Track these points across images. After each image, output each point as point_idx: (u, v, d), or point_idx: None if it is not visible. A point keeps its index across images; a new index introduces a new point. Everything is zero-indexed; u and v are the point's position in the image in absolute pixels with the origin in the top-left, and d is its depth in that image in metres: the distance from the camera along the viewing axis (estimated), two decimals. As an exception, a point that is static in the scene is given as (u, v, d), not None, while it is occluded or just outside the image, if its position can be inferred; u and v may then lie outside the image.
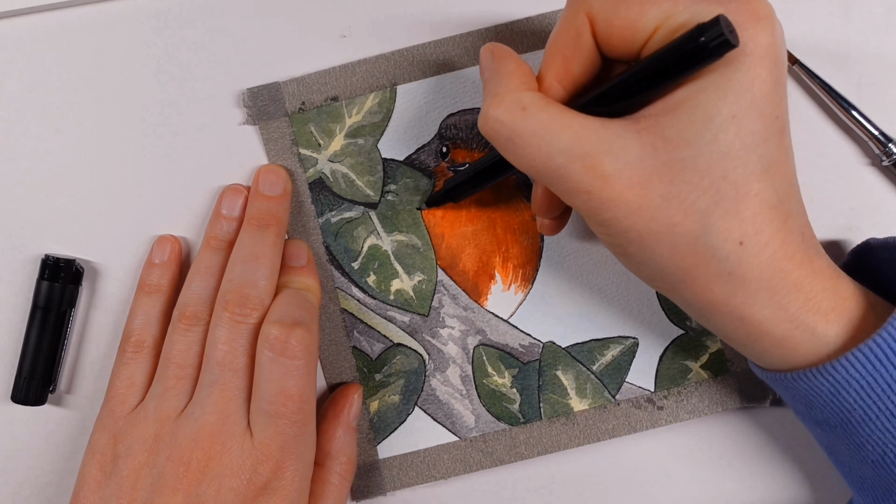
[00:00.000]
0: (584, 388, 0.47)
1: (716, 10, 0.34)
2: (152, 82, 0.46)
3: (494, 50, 0.39)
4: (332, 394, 0.46)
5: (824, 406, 0.38)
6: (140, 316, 0.45)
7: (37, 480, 0.47)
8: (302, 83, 0.46)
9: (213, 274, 0.44)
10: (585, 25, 0.37)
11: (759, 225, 0.35)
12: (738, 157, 0.35)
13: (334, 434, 0.45)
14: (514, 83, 0.37)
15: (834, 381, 0.36)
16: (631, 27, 0.36)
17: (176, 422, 0.41)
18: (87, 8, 0.46)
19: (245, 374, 0.42)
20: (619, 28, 0.36)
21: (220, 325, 0.42)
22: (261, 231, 0.44)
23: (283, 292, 0.43)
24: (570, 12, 0.37)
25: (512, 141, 0.36)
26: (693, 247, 0.35)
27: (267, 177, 0.45)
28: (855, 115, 0.45)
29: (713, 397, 0.46)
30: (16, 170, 0.46)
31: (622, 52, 0.37)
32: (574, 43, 0.37)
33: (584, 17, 0.37)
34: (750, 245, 0.35)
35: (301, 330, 0.41)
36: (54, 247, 0.46)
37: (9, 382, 0.46)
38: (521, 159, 0.36)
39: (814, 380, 0.37)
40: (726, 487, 0.47)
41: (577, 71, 0.38)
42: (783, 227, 0.36)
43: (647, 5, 0.35)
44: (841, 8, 0.46)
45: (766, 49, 0.34)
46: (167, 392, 0.42)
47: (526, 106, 0.36)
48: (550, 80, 0.38)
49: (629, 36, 0.36)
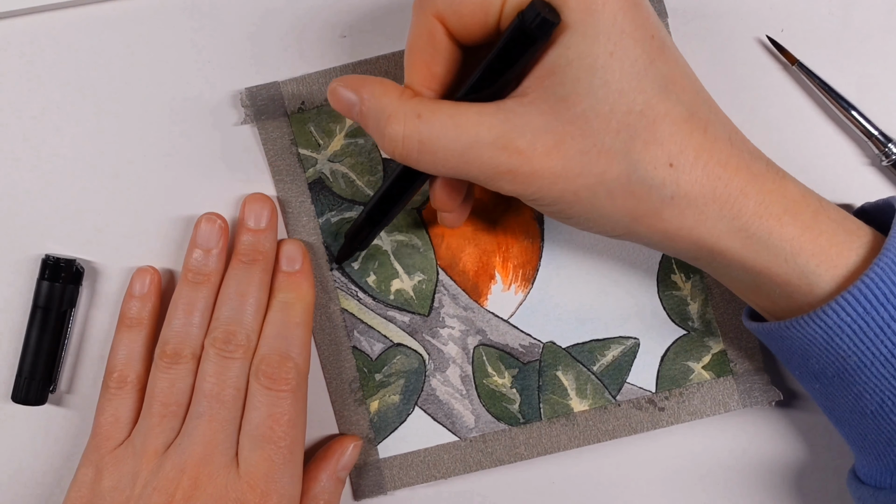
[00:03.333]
0: (585, 388, 0.46)
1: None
2: (152, 82, 0.46)
3: (347, 82, 0.39)
4: (330, 441, 0.46)
5: (819, 355, 0.38)
6: (122, 350, 0.45)
7: (37, 480, 0.47)
8: (301, 83, 0.46)
9: (192, 310, 0.44)
10: (436, 25, 0.37)
11: (681, 142, 0.36)
12: (633, 88, 0.35)
13: (318, 477, 0.45)
14: (393, 98, 0.37)
15: (826, 326, 0.36)
16: (480, 10, 0.36)
17: (163, 455, 0.42)
18: (87, 8, 0.46)
19: (233, 406, 0.42)
20: (469, 15, 0.37)
21: (208, 360, 0.43)
22: (247, 268, 0.44)
23: (271, 318, 0.44)
24: (418, 18, 0.38)
25: (422, 150, 0.36)
26: (628, 186, 0.36)
27: (252, 208, 0.45)
28: (854, 115, 0.45)
29: (715, 398, 0.46)
30: (16, 170, 0.46)
31: (480, 35, 0.37)
32: (430, 45, 0.38)
33: (432, 17, 0.37)
34: (679, 164, 0.36)
35: (290, 363, 0.42)
36: (54, 247, 0.46)
37: (9, 382, 0.46)
38: (436, 164, 0.37)
39: (805, 327, 0.37)
40: (728, 488, 0.47)
41: (440, 70, 0.38)
42: (705, 136, 0.36)
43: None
44: (841, 8, 0.46)
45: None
46: (152, 429, 0.42)
47: (420, 112, 0.36)
48: (419, 87, 0.38)
49: (481, 19, 0.37)
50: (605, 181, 0.36)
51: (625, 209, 0.37)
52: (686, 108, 0.36)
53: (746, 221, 0.36)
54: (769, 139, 0.46)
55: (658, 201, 0.36)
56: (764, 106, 0.46)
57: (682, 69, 0.37)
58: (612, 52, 0.35)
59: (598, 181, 0.36)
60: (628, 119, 0.35)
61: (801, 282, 0.37)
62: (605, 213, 0.37)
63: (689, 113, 0.36)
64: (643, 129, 0.35)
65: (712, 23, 0.46)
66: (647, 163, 0.35)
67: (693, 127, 0.36)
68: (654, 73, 0.35)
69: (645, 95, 0.35)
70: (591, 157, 0.36)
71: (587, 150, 0.35)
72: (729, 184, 0.36)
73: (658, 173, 0.36)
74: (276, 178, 0.46)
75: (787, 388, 0.46)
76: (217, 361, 0.42)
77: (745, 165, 0.37)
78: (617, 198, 0.36)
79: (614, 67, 0.35)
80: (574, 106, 0.35)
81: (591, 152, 0.35)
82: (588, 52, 0.35)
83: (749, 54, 0.46)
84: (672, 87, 0.36)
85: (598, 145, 0.35)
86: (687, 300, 0.46)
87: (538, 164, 0.36)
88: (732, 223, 0.36)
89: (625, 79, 0.35)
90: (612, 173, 0.36)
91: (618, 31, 0.35)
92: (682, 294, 0.46)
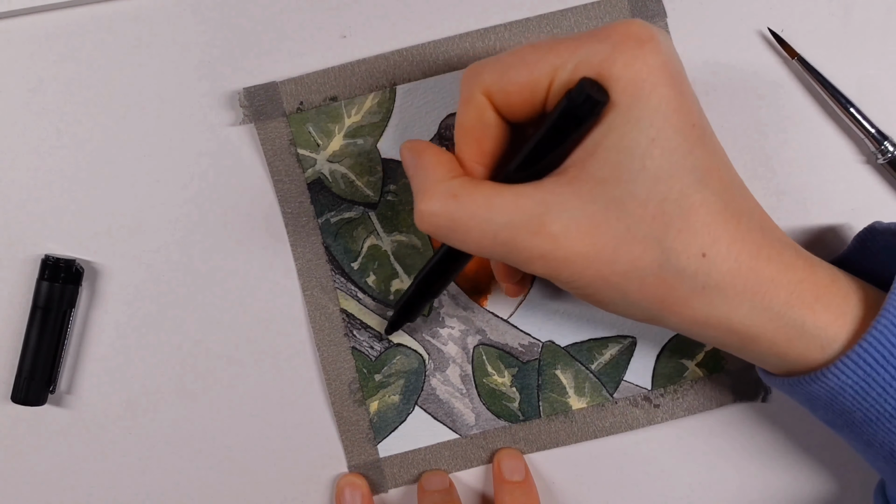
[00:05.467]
0: (583, 386, 0.47)
1: (598, 50, 0.35)
2: (151, 82, 0.46)
3: (413, 146, 0.39)
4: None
5: (826, 409, 0.38)
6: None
7: (37, 480, 0.47)
8: (300, 83, 0.46)
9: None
10: (485, 103, 0.37)
11: (714, 232, 0.35)
12: (670, 176, 0.35)
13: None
14: (439, 174, 0.37)
15: (828, 387, 0.37)
16: (526, 90, 0.36)
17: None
18: (87, 8, 0.45)
19: None
20: (516, 94, 0.37)
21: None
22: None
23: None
24: (466, 95, 0.38)
25: (453, 230, 0.36)
26: (660, 275, 0.36)
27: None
28: (852, 111, 0.45)
29: (708, 394, 0.47)
30: (16, 170, 0.46)
31: (527, 113, 0.37)
32: (479, 122, 0.38)
33: (481, 95, 0.37)
34: (712, 254, 0.35)
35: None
36: (54, 247, 0.46)
37: (9, 382, 0.46)
38: (468, 244, 0.37)
39: (809, 386, 0.37)
40: (722, 481, 0.48)
41: (490, 147, 0.38)
42: (739, 227, 0.36)
43: (534, 66, 0.36)
44: (841, 8, 0.46)
45: (659, 69, 0.35)
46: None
47: (456, 193, 0.36)
48: (470, 163, 0.38)
49: (528, 98, 0.37)
50: (637, 268, 0.35)
51: (655, 297, 0.36)
52: (721, 199, 0.36)
53: (779, 310, 0.36)
54: (766, 135, 0.46)
55: (689, 291, 0.36)
56: (762, 101, 0.46)
57: (719, 159, 0.37)
58: (653, 138, 0.34)
59: (631, 268, 0.35)
60: (664, 207, 0.35)
61: (795, 333, 0.37)
62: (635, 300, 0.37)
63: (723, 204, 0.36)
64: (678, 218, 0.35)
65: (712, 18, 0.46)
66: (681, 252, 0.35)
67: (727, 218, 0.36)
68: (691, 162, 0.35)
69: (681, 184, 0.35)
70: (625, 244, 0.35)
71: (621, 237, 0.35)
72: (761, 274, 0.36)
73: (691, 263, 0.35)
74: (275, 179, 0.46)
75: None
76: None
77: (776, 255, 0.37)
78: (648, 286, 0.36)
79: (654, 154, 0.34)
80: (612, 189, 0.35)
81: (624, 238, 0.35)
82: (630, 136, 0.34)
83: (749, 48, 0.46)
84: (708, 178, 0.36)
85: (633, 231, 0.35)
86: (684, 299, 0.47)
87: (571, 249, 0.35)
88: (764, 313, 0.36)
89: (663, 166, 0.35)
90: (644, 261, 0.35)
91: (661, 117, 0.34)
92: (679, 293, 0.47)
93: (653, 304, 0.37)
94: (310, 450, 0.47)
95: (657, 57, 0.35)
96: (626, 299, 0.37)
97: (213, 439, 0.47)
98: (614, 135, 0.35)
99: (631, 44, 0.35)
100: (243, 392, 0.47)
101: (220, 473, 0.47)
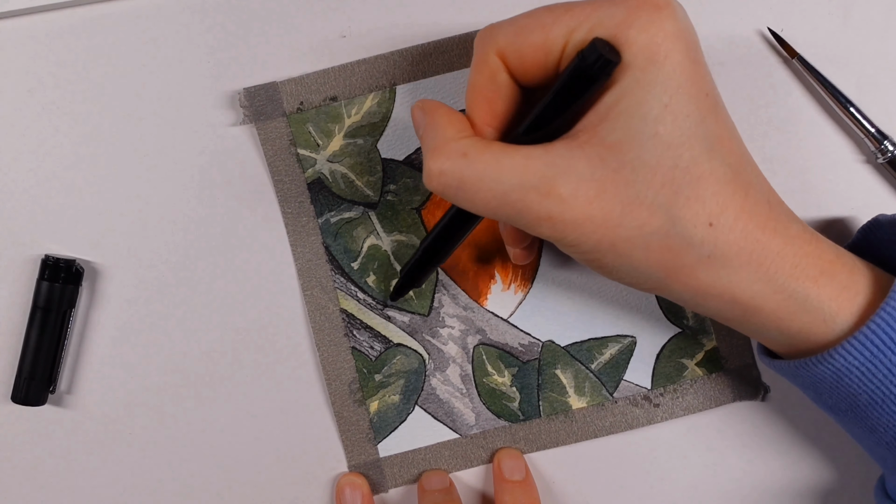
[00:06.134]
0: (583, 386, 0.47)
1: (614, 13, 0.35)
2: (151, 82, 0.46)
3: (424, 105, 0.39)
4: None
5: (831, 392, 0.38)
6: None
7: (37, 480, 0.47)
8: (300, 83, 0.46)
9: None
10: (498, 64, 0.37)
11: (722, 202, 0.36)
12: (681, 143, 0.35)
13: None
14: (449, 133, 0.37)
15: (834, 368, 0.37)
16: (541, 51, 0.36)
17: None
18: (87, 8, 0.45)
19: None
20: (530, 55, 0.37)
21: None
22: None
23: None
24: (480, 55, 0.38)
25: (462, 189, 0.36)
26: (666, 241, 0.36)
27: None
28: (852, 111, 0.45)
29: (707, 394, 0.47)
30: (16, 170, 0.46)
31: (539, 76, 0.37)
32: (492, 83, 0.38)
33: (495, 56, 0.37)
34: (719, 224, 0.36)
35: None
36: (54, 247, 0.46)
37: (9, 383, 0.46)
38: (476, 204, 0.37)
39: (815, 367, 0.37)
40: (722, 480, 0.48)
41: (501, 109, 0.38)
42: (746, 198, 0.36)
43: (549, 27, 0.36)
44: (841, 8, 0.46)
45: (675, 35, 0.35)
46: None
47: (466, 152, 0.36)
48: (480, 125, 0.38)
49: (541, 60, 0.37)
50: (644, 234, 0.35)
51: (660, 264, 0.36)
52: (730, 169, 0.36)
53: (783, 282, 0.36)
54: (765, 134, 0.46)
55: (695, 258, 0.36)
56: (762, 100, 0.46)
57: (729, 130, 0.37)
58: (666, 104, 0.34)
59: (637, 233, 0.35)
60: (673, 174, 0.35)
61: (798, 306, 0.37)
62: (640, 266, 0.37)
63: (732, 174, 0.36)
64: (686, 186, 0.35)
65: (712, 18, 0.46)
66: (688, 220, 0.35)
67: (735, 188, 0.36)
68: (703, 131, 0.35)
69: (692, 152, 0.35)
70: (633, 209, 0.35)
71: (629, 201, 0.35)
72: (767, 246, 0.36)
73: (697, 231, 0.35)
74: (275, 179, 0.46)
75: (774, 382, 0.47)
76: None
77: (782, 228, 0.37)
78: (653, 251, 0.36)
79: (666, 121, 0.34)
80: (622, 154, 0.35)
81: (632, 203, 0.35)
82: (643, 101, 0.34)
83: (749, 48, 0.46)
84: (719, 147, 0.36)
85: (641, 197, 0.35)
86: (684, 299, 0.47)
87: (579, 211, 0.35)
88: (768, 284, 0.36)
89: (675, 133, 0.35)
90: (651, 226, 0.35)
91: (675, 84, 0.34)
92: (679, 293, 0.47)
93: (657, 270, 0.37)
94: (310, 450, 0.47)
95: (674, 23, 0.35)
96: (630, 265, 0.37)
97: (213, 439, 0.47)
98: (627, 100, 0.35)
99: (648, 9, 0.35)
100: (243, 392, 0.47)
101: (220, 473, 0.47)
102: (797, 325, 0.37)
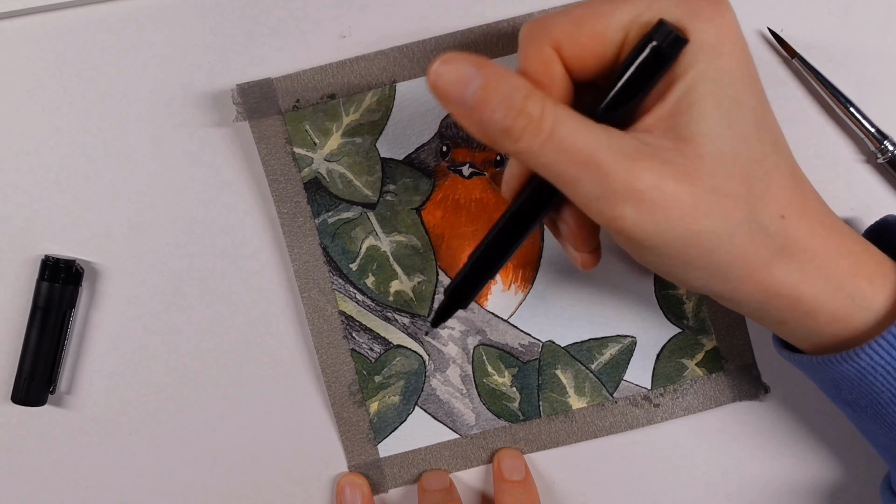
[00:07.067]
0: (583, 386, 0.47)
1: (678, 2, 0.34)
2: (150, 82, 0.46)
3: (461, 56, 0.34)
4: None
5: (852, 388, 0.38)
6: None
7: (37, 481, 0.47)
8: (296, 80, 0.45)
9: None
10: (553, 56, 0.36)
11: (789, 196, 0.36)
12: (753, 136, 0.35)
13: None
14: (527, 82, 0.34)
15: (859, 367, 0.37)
16: (599, 41, 0.35)
17: None
18: (86, 8, 0.45)
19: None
20: (588, 45, 0.36)
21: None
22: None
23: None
24: (534, 48, 0.36)
25: (551, 139, 0.33)
26: (748, 233, 0.35)
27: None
28: (852, 110, 0.45)
29: (707, 394, 0.47)
30: (16, 170, 0.46)
31: (596, 68, 0.36)
32: (546, 77, 0.36)
33: (549, 48, 0.36)
34: (789, 216, 0.36)
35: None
36: (54, 247, 0.46)
37: (9, 383, 0.46)
38: (558, 161, 0.34)
39: (839, 365, 0.37)
40: (722, 480, 0.48)
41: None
42: (804, 194, 0.36)
43: (608, 16, 0.35)
44: (841, 8, 0.46)
45: (736, 31, 0.35)
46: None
47: (555, 104, 0.34)
48: None
49: (600, 51, 0.36)
50: (730, 225, 0.34)
51: (743, 258, 0.35)
52: (790, 165, 0.36)
53: (842, 281, 0.36)
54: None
55: (772, 251, 0.35)
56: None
57: (780, 128, 0.37)
58: (735, 98, 0.34)
59: (723, 224, 0.34)
60: (749, 166, 0.35)
61: (855, 305, 0.37)
62: (722, 261, 0.35)
63: (791, 170, 0.36)
64: (760, 179, 0.35)
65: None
66: (765, 210, 0.35)
67: (795, 183, 0.36)
68: (768, 125, 0.35)
69: (763, 146, 0.35)
70: (718, 198, 0.34)
71: (714, 190, 0.34)
72: (827, 242, 0.36)
73: (773, 223, 0.35)
74: (270, 178, 0.46)
75: (774, 382, 0.47)
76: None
77: (836, 227, 0.37)
78: (737, 244, 0.35)
79: (737, 114, 0.34)
80: (700, 146, 0.34)
81: (717, 193, 0.34)
82: (713, 93, 0.34)
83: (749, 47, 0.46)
84: (780, 143, 0.36)
85: (724, 188, 0.34)
86: (683, 299, 0.47)
87: (669, 191, 0.33)
88: (829, 282, 0.36)
89: (746, 126, 0.34)
90: (735, 218, 0.34)
91: (740, 78, 0.34)
92: (678, 293, 0.47)
93: (738, 267, 0.36)
94: (310, 450, 0.47)
95: (734, 17, 0.35)
96: (710, 260, 0.35)
97: (213, 439, 0.47)
98: (697, 92, 0.34)
99: (707, 2, 0.35)
100: (243, 393, 0.47)
101: (220, 473, 0.47)
102: (853, 325, 0.37)
